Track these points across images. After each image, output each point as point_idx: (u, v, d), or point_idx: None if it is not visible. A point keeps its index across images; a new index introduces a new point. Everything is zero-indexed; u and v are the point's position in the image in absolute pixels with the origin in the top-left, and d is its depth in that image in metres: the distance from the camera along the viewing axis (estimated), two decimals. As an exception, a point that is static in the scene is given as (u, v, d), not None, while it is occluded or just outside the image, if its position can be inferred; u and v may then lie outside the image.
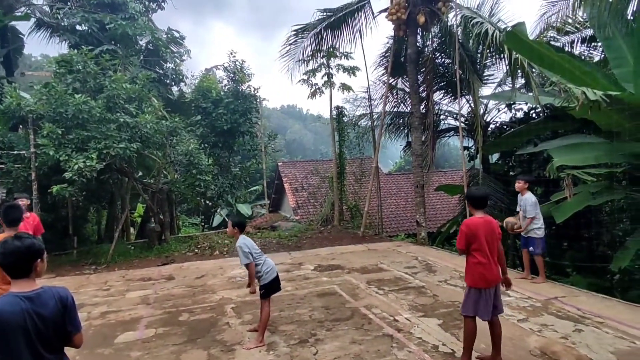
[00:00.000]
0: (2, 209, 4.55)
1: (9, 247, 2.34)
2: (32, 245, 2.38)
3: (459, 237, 4.35)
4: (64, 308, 2.41)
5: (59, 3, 16.40)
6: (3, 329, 2.22)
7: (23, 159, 10.26)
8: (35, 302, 2.32)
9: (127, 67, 14.57)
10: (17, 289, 2.34)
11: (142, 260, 10.83)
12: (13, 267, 2.36)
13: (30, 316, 2.27)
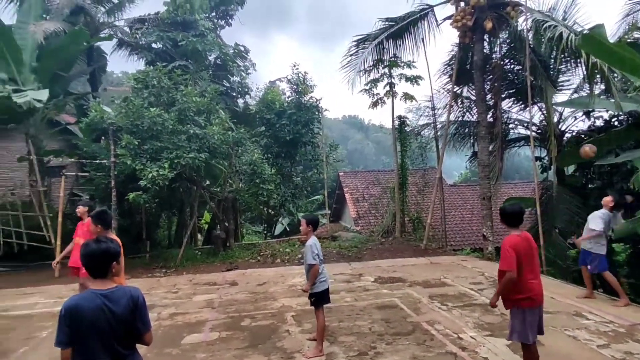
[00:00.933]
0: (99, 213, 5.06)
1: (88, 250, 2.56)
2: (108, 249, 2.57)
3: (506, 259, 3.96)
4: (134, 306, 2.56)
5: (138, 24, 17.73)
6: (81, 323, 2.41)
7: (104, 167, 11.13)
8: (109, 299, 2.49)
9: (197, 81, 15.37)
10: (95, 286, 2.54)
11: (208, 265, 11.27)
12: (92, 268, 2.57)
13: (104, 312, 2.45)
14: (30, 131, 12.58)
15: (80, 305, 2.43)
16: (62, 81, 14.44)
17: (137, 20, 18.18)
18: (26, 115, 12.30)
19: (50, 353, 5.58)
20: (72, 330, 2.41)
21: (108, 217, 5.11)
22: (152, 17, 17.95)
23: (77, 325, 2.41)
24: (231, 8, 19.24)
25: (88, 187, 12.24)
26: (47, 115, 13.50)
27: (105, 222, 5.00)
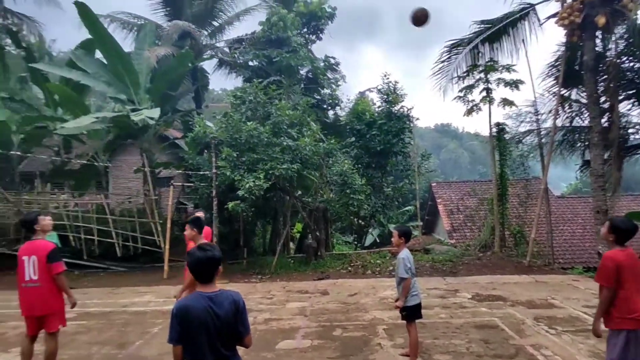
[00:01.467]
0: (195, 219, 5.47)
1: (195, 258, 2.70)
2: (213, 257, 2.72)
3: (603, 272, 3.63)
4: (236, 310, 2.69)
5: (236, 44, 18.98)
6: (190, 322, 2.58)
7: (207, 178, 11.98)
8: (214, 302, 2.63)
9: (290, 95, 15.99)
10: (203, 289, 2.71)
11: (300, 273, 11.53)
12: (199, 274, 2.72)
13: (210, 314, 2.59)
14: (144, 146, 14.00)
15: (189, 306, 2.60)
16: (171, 100, 15.92)
17: (236, 40, 19.49)
18: (141, 132, 13.72)
19: (161, 348, 6.08)
20: (183, 328, 2.58)
21: (202, 223, 5.54)
22: (248, 36, 19.15)
23: (186, 324, 2.58)
24: (321, 23, 19.78)
25: (193, 196, 13.26)
26: (158, 131, 14.95)
27: (200, 227, 5.38)
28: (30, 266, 4.71)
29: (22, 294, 4.77)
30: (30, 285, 4.71)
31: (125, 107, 13.58)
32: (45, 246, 4.85)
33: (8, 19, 17.58)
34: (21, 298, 4.77)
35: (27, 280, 4.70)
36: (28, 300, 4.74)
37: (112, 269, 12.65)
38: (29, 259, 4.72)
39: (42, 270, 4.71)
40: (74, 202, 14.51)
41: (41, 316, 4.80)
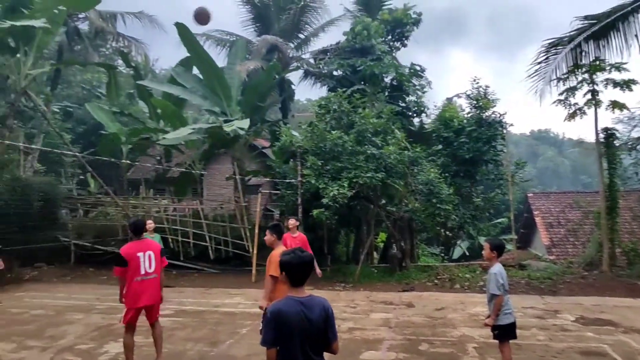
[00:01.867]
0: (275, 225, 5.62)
1: (297, 259, 2.75)
2: (312, 259, 2.81)
3: None
4: (326, 315, 2.72)
5: (321, 54, 19.37)
6: (285, 326, 2.62)
7: (293, 186, 12.30)
8: (306, 306, 2.67)
9: (374, 103, 15.91)
10: (294, 294, 2.74)
11: (384, 284, 11.32)
12: (294, 276, 2.76)
13: (301, 318, 2.63)
14: (236, 155, 14.77)
15: (283, 310, 2.65)
16: (260, 111, 16.64)
17: (321, 51, 19.91)
18: (233, 142, 14.50)
19: (249, 348, 6.29)
20: (278, 332, 2.63)
21: (282, 229, 5.68)
22: (333, 47, 19.46)
23: (281, 328, 2.63)
24: (406, 30, 19.46)
25: (279, 204, 13.67)
26: (248, 140, 15.70)
27: (280, 233, 5.50)
28: (147, 260, 5.32)
29: (139, 286, 5.27)
30: (149, 277, 5.33)
31: (219, 119, 14.47)
32: (156, 243, 5.72)
33: (120, 42, 19.71)
34: (138, 290, 5.26)
35: (144, 274, 5.27)
36: (148, 291, 5.34)
37: (206, 271, 13.46)
38: (144, 254, 5.31)
39: (157, 264, 5.43)
40: (173, 207, 15.73)
41: (152, 305, 5.46)
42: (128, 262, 5.25)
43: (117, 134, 16.29)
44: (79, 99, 25.11)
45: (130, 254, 5.28)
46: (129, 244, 5.46)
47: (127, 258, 5.25)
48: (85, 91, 26.76)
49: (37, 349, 6.57)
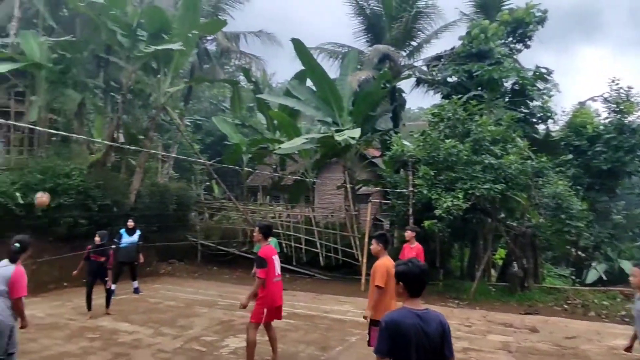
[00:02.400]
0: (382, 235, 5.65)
1: (414, 269, 2.69)
2: (426, 270, 2.74)
3: None
4: (442, 331, 2.63)
5: (435, 61, 18.79)
6: (400, 337, 2.56)
7: (404, 196, 12.05)
8: (422, 319, 2.60)
9: (492, 110, 14.94)
10: (410, 305, 2.67)
11: (503, 304, 10.48)
12: (412, 287, 2.69)
13: (418, 331, 2.55)
14: (347, 164, 14.98)
15: (398, 321, 2.59)
16: (371, 120, 16.69)
17: (434, 58, 19.33)
18: (344, 151, 14.74)
19: (358, 357, 6.27)
20: (392, 342, 2.57)
21: (388, 239, 5.63)
22: (447, 52, 18.75)
23: (395, 338, 2.56)
24: (529, 29, 17.98)
25: (390, 213, 13.50)
26: (359, 150, 15.83)
27: (386, 243, 5.43)
28: (277, 264, 5.70)
29: (276, 287, 5.61)
30: (280, 279, 5.72)
31: (330, 129, 14.84)
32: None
33: (242, 59, 21.40)
34: (275, 290, 5.60)
35: (277, 275, 5.64)
36: (280, 292, 5.71)
37: (316, 277, 13.83)
38: (275, 257, 5.70)
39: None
40: (287, 213, 16.48)
41: (281, 305, 5.79)
42: (268, 263, 5.54)
43: (239, 144, 17.64)
44: (207, 113, 27.81)
45: (269, 256, 5.60)
46: (265, 247, 5.70)
47: (267, 260, 5.55)
48: (212, 105, 29.54)
49: (169, 336, 7.33)
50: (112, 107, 16.93)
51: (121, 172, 14.03)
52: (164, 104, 14.04)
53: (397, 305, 5.07)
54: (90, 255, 8.50)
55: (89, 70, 16.40)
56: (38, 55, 13.15)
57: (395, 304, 5.20)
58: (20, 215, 10.75)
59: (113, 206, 12.50)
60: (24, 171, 11.53)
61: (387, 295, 5.13)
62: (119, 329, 7.73)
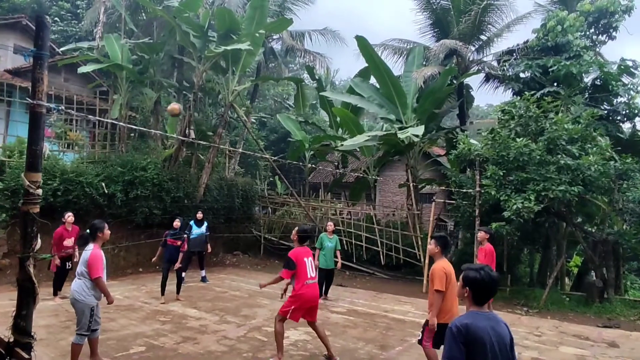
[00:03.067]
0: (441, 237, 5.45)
1: (486, 277, 2.61)
2: (495, 278, 2.67)
3: None
4: (509, 333, 2.61)
5: (506, 55, 17.87)
6: (474, 343, 2.47)
7: (469, 196, 11.62)
8: (492, 321, 2.57)
9: (569, 107, 13.97)
10: (476, 310, 2.63)
11: (577, 315, 9.77)
12: (480, 294, 2.64)
13: (492, 335, 2.49)
14: (410, 162, 14.71)
15: (471, 325, 2.50)
16: (436, 118, 16.26)
17: (506, 52, 18.39)
18: (407, 149, 14.48)
19: (418, 358, 6.14)
20: (467, 348, 2.48)
21: (448, 242, 5.49)
22: (520, 46, 17.76)
23: (471, 343, 2.48)
24: (615, 19, 16.55)
25: (454, 214, 13.09)
26: (423, 148, 15.48)
27: (445, 246, 5.30)
28: (310, 266, 5.82)
29: (308, 289, 5.73)
30: (312, 282, 5.81)
31: (394, 126, 14.63)
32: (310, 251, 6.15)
33: (306, 57, 21.66)
34: (306, 292, 5.72)
35: (309, 277, 5.75)
36: (312, 294, 5.81)
37: (377, 275, 13.75)
38: (308, 260, 5.83)
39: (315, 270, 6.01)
40: (347, 211, 16.51)
41: (314, 306, 5.92)
42: (298, 265, 5.71)
43: (302, 141, 17.94)
44: (271, 111, 28.52)
45: (299, 258, 5.76)
46: (297, 248, 5.91)
47: (296, 262, 5.72)
48: (277, 103, 30.24)
49: (234, 324, 7.63)
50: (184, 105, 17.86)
51: (192, 167, 14.78)
52: (231, 102, 14.58)
53: (459, 308, 5.00)
54: (167, 240, 9.11)
55: (164, 70, 17.44)
56: (120, 56, 14.20)
57: (457, 307, 5.07)
58: (103, 204, 11.68)
59: (184, 198, 13.23)
60: (106, 164, 12.52)
61: (447, 299, 5.03)
62: (187, 315, 8.18)
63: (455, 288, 4.97)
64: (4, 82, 12.39)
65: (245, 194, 15.73)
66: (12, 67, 15.84)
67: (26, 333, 2.96)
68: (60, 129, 13.84)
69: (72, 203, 10.84)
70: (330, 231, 10.34)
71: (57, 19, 23.13)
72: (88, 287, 5.07)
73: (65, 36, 22.55)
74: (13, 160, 10.84)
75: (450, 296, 5.00)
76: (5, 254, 10.32)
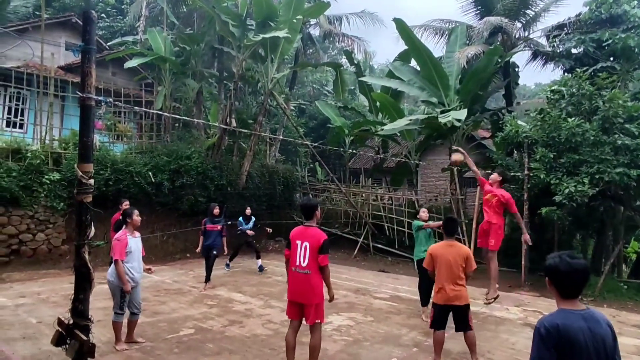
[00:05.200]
0: (446, 220, 5.72)
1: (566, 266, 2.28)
2: (586, 267, 2.33)
3: None
4: (612, 333, 2.29)
5: (556, 30, 16.86)
6: (569, 345, 2.21)
7: (517, 180, 11.16)
8: (588, 320, 2.24)
9: (626, 82, 13.06)
10: (568, 306, 2.31)
11: (637, 304, 9.25)
12: (569, 286, 2.31)
13: (589, 336, 2.20)
14: (453, 146, 14.27)
15: (562, 326, 2.22)
16: (480, 99, 15.66)
17: (555, 27, 17.36)
18: (450, 132, 14.07)
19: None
20: (559, 352, 2.23)
21: (455, 225, 5.68)
22: (571, 20, 16.70)
23: (563, 348, 2.21)
24: (678, -15, 15.22)
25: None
26: (467, 131, 14.99)
27: (446, 229, 5.44)
28: (302, 252, 4.68)
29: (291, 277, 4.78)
30: (301, 271, 4.68)
31: (435, 110, 14.23)
32: (320, 236, 4.71)
33: (344, 42, 21.37)
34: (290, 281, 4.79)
35: (296, 265, 4.70)
36: (297, 287, 4.74)
37: (419, 261, 13.55)
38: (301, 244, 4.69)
39: (312, 260, 4.62)
40: (389, 196, 16.33)
41: (302, 303, 4.72)
42: (290, 246, 4.70)
43: (341, 127, 17.83)
44: (310, 97, 28.50)
45: (293, 237, 4.71)
46: (297, 227, 4.87)
47: (290, 241, 4.72)
48: (316, 90, 30.16)
49: (278, 309, 7.77)
50: (225, 94, 18.16)
51: (234, 155, 15.06)
52: (271, 90, 14.66)
53: (452, 290, 5.07)
54: (207, 228, 9.34)
55: (205, 60, 17.76)
56: (163, 49, 14.58)
57: (450, 289, 5.13)
58: (151, 193, 12.15)
59: (227, 186, 13.54)
60: (153, 154, 12.97)
61: (437, 279, 5.28)
62: (233, 299, 8.41)
63: (444, 268, 5.18)
64: (58, 78, 13.03)
65: (286, 180, 15.88)
66: (64, 64, 16.64)
67: (84, 316, 3.12)
68: (109, 121, 14.45)
69: (122, 192, 11.34)
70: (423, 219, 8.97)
71: (104, 15, 23.99)
72: None
73: (111, 32, 23.39)
74: (69, 152, 11.44)
75: (439, 276, 5.22)
76: (64, 240, 10.98)
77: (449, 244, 5.30)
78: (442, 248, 5.30)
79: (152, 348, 5.67)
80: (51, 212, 10.87)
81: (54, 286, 8.80)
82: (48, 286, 8.87)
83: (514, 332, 6.81)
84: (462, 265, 5.15)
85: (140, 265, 5.71)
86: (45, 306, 7.45)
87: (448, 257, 5.17)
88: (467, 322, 5.28)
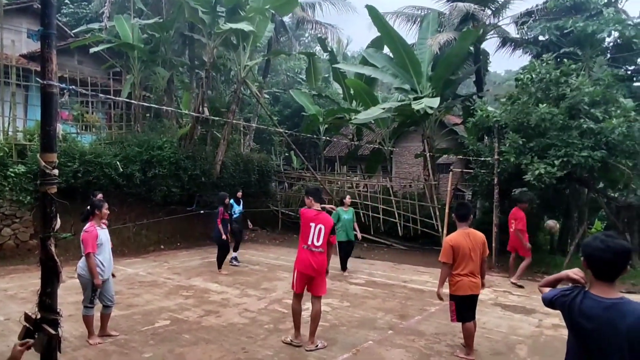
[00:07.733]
0: (456, 206, 5.57)
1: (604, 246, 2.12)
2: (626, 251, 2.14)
3: None
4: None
5: (525, 17, 17.16)
6: (583, 332, 2.17)
7: (488, 165, 11.42)
8: (613, 311, 2.08)
9: (591, 69, 13.45)
10: (597, 292, 2.17)
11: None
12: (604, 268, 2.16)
13: (598, 327, 2.10)
14: (426, 132, 14.48)
15: (578, 309, 2.18)
16: (452, 85, 15.86)
17: (524, 14, 17.67)
18: (423, 119, 14.23)
19: (438, 327, 6.20)
20: (572, 332, 2.22)
21: (469, 210, 5.34)
22: (539, 7, 17.02)
23: (574, 330, 2.21)
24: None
25: (472, 183, 12.93)
26: (439, 117, 15.19)
27: (458, 215, 5.25)
28: (316, 233, 5.39)
29: (303, 253, 5.45)
30: (316, 249, 5.40)
31: (408, 97, 14.35)
32: (329, 219, 5.62)
33: (317, 29, 21.21)
34: (301, 257, 5.46)
35: (309, 244, 5.39)
36: (309, 261, 5.40)
37: (395, 246, 13.79)
38: (315, 226, 5.40)
39: (325, 240, 5.45)
40: (364, 183, 16.46)
41: (313, 277, 5.44)
42: (301, 225, 5.43)
43: (315, 115, 17.78)
44: (284, 85, 28.27)
45: (307, 219, 5.38)
46: (306, 209, 5.53)
47: (301, 221, 5.45)
48: (290, 78, 29.91)
49: (254, 297, 7.78)
50: (197, 83, 17.80)
51: (207, 144, 14.84)
52: (244, 78, 14.45)
53: (471, 281, 4.97)
54: (224, 216, 9.74)
55: (175, 49, 17.32)
56: (131, 36, 14.13)
57: (472, 279, 5.02)
58: (122, 184, 11.87)
59: (201, 176, 13.34)
60: (123, 144, 12.65)
61: (457, 271, 5.03)
62: (209, 289, 8.36)
63: (465, 260, 4.95)
64: (20, 66, 12.47)
65: (261, 169, 15.78)
66: (27, 52, 15.95)
67: (52, 310, 3.05)
68: (77, 111, 13.98)
69: (92, 184, 11.04)
70: (347, 204, 10.34)
71: (68, 1, 23.06)
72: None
73: (76, 19, 22.50)
74: (34, 144, 11.04)
75: (459, 267, 5.02)
76: (32, 235, 10.65)
77: (466, 232, 5.08)
78: (462, 238, 5.02)
79: (127, 341, 5.60)
80: (17, 206, 10.50)
81: (22, 282, 8.54)
82: (16, 282, 8.60)
83: (485, 312, 7.01)
84: (481, 254, 5.06)
85: (110, 257, 5.60)
86: (13, 303, 7.23)
87: (468, 247, 4.98)
88: (475, 310, 5.22)
